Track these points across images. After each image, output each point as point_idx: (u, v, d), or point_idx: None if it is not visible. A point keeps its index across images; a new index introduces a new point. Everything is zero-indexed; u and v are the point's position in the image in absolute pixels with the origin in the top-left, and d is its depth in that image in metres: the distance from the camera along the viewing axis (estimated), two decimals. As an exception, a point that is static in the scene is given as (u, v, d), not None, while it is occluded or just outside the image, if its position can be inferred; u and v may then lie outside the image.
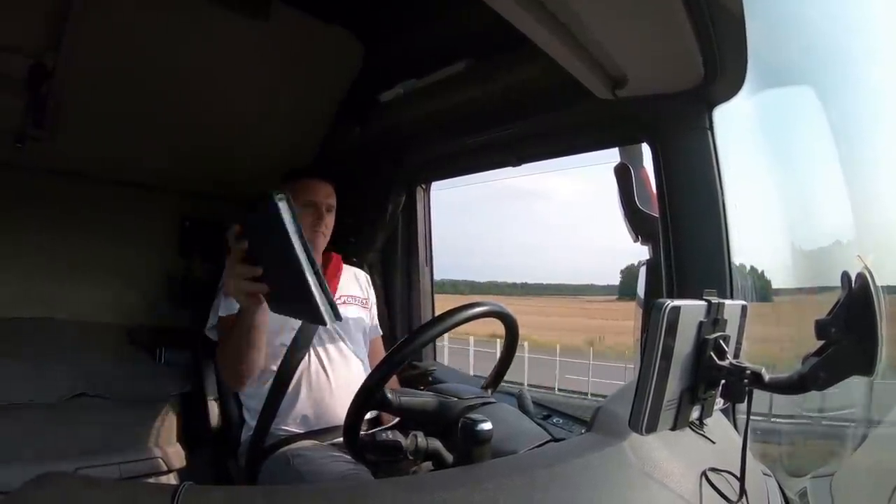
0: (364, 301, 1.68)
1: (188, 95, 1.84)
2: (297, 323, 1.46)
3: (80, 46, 1.58)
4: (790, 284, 1.68)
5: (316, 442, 1.36)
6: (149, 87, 1.76)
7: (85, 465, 1.75)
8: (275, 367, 1.43)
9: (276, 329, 1.44)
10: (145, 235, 2.27)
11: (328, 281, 1.57)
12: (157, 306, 2.28)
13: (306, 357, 1.46)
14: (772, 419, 1.48)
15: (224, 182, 2.28)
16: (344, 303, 1.59)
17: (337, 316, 0.93)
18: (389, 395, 0.99)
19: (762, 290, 1.55)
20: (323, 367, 1.47)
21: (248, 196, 2.27)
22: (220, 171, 2.22)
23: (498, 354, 1.31)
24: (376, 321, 1.74)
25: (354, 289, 1.68)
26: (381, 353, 1.60)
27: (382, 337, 1.77)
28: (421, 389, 1.52)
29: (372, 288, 1.76)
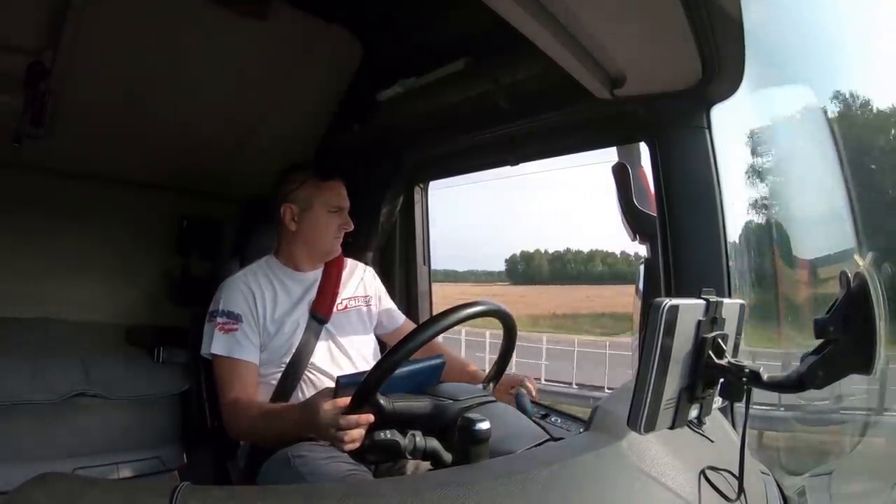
0: (366, 299, 1.63)
1: (186, 94, 1.84)
2: (300, 329, 1.45)
3: (78, 45, 1.58)
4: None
5: (316, 442, 1.35)
6: (147, 85, 1.75)
7: (83, 465, 1.75)
8: (278, 373, 1.42)
9: (279, 341, 1.43)
10: (143, 234, 2.27)
11: (333, 284, 1.54)
12: (155, 305, 2.28)
13: (309, 363, 1.44)
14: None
15: (221, 181, 2.28)
16: (346, 308, 1.56)
17: None
18: (382, 401, 0.99)
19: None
20: (326, 373, 1.44)
21: (245, 195, 2.29)
22: (218, 170, 2.21)
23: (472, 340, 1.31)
24: (391, 309, 1.69)
25: (355, 288, 1.63)
26: None
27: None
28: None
29: (376, 279, 1.71)
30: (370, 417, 1.00)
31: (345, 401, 1.03)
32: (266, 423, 1.27)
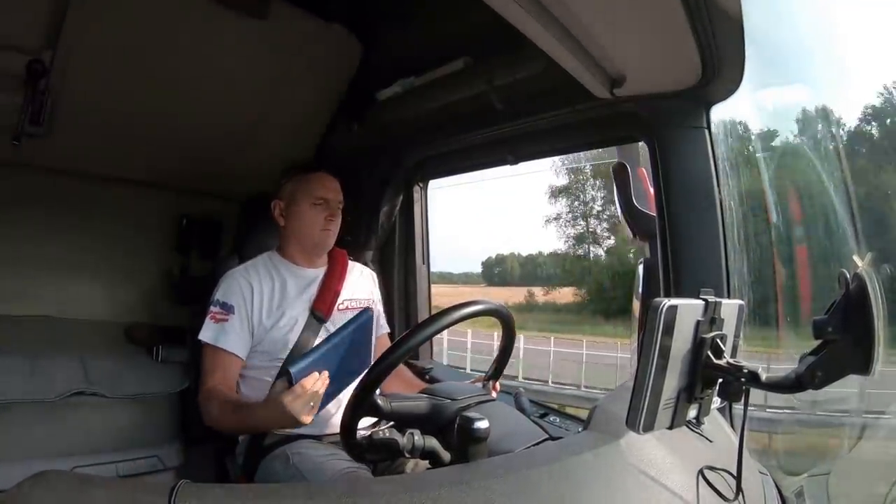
0: (369, 302, 1.61)
1: (186, 93, 1.84)
2: (298, 326, 1.45)
3: (77, 44, 1.58)
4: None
5: (315, 440, 1.35)
6: (146, 84, 1.75)
7: (82, 464, 1.75)
8: (275, 369, 1.42)
9: (276, 335, 1.43)
10: (143, 233, 2.26)
11: (335, 283, 1.53)
12: (154, 304, 2.27)
13: None
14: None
15: (221, 180, 2.28)
16: (347, 308, 1.54)
17: None
18: (380, 402, 0.99)
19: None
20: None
21: (245, 194, 2.30)
22: (218, 169, 2.21)
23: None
24: (383, 319, 1.69)
25: (359, 291, 1.61)
26: None
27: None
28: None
29: (377, 286, 1.70)
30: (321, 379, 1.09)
31: (305, 384, 1.07)
32: (236, 417, 1.28)
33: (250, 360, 1.44)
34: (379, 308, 1.68)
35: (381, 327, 1.67)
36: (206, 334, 1.40)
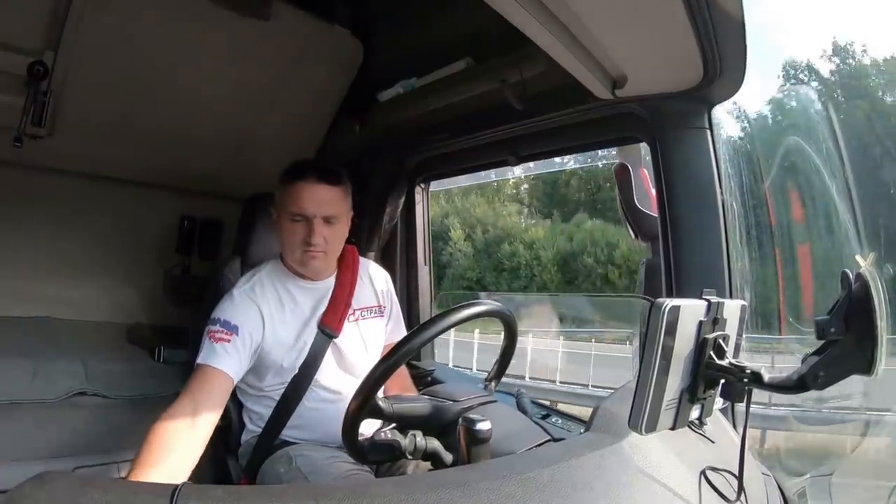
0: (379, 308, 1.50)
1: (187, 94, 1.84)
2: (307, 347, 1.37)
3: (79, 45, 1.58)
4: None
5: (317, 442, 1.35)
6: (148, 85, 1.76)
7: (84, 464, 1.74)
8: (281, 388, 1.37)
9: (284, 359, 1.36)
10: (144, 234, 2.27)
11: (346, 294, 1.42)
12: (155, 305, 2.28)
13: (317, 374, 1.37)
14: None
15: (222, 180, 2.28)
16: (358, 318, 1.44)
17: None
18: (382, 404, 0.98)
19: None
20: (331, 390, 1.39)
21: (245, 195, 2.30)
22: (218, 170, 2.21)
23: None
24: (399, 321, 1.57)
25: (370, 296, 1.49)
26: None
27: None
28: (419, 390, 1.51)
29: (391, 285, 1.57)
30: None
31: None
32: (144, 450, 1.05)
33: (257, 381, 1.37)
34: (394, 311, 1.56)
35: (393, 332, 1.55)
36: (203, 356, 1.25)
